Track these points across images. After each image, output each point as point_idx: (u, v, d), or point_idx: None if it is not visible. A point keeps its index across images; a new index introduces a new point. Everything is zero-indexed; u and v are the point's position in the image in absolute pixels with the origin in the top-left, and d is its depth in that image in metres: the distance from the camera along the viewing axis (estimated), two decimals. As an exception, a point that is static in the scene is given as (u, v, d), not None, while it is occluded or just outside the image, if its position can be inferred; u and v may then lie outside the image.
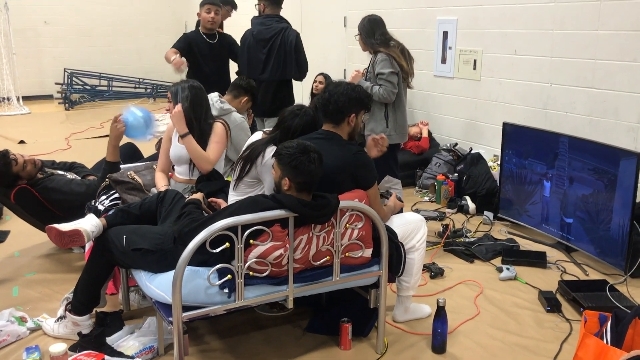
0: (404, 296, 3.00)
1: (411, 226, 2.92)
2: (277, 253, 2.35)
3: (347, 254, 2.56)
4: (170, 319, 2.27)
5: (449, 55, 5.60)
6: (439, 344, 2.78)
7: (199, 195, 2.81)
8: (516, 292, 3.42)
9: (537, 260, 3.77)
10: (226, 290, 2.33)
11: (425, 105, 6.03)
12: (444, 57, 5.66)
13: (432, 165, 5.39)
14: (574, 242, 3.91)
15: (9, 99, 9.68)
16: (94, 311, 2.85)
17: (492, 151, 5.15)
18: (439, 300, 2.73)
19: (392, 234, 2.73)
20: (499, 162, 4.55)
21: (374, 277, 2.68)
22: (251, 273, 2.35)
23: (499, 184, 4.53)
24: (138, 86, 10.75)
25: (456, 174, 5.09)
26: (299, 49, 4.82)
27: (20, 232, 4.20)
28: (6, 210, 4.46)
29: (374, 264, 2.66)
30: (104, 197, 3.25)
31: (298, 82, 5.09)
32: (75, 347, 2.66)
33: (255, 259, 2.32)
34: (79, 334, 2.74)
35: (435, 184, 5.05)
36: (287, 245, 2.37)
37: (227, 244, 2.27)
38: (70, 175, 3.91)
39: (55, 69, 10.46)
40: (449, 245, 4.04)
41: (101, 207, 3.17)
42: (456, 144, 5.51)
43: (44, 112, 9.64)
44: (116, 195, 3.24)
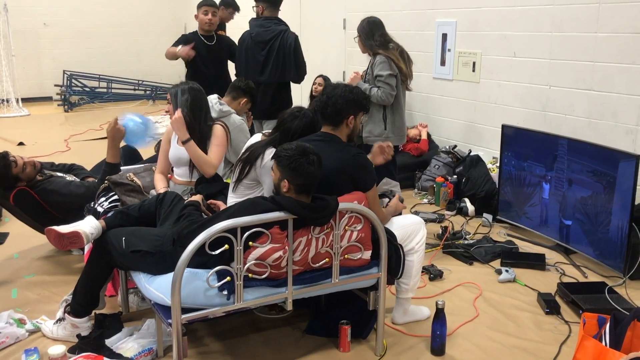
0: (403, 298, 3.00)
1: (410, 228, 2.92)
2: (276, 255, 2.35)
3: (346, 256, 2.56)
4: (170, 320, 2.27)
5: (448, 57, 5.60)
6: (438, 346, 2.78)
7: (198, 197, 2.81)
8: (515, 294, 3.42)
9: (536, 262, 3.77)
10: (225, 292, 2.33)
11: (424, 107, 6.03)
12: (443, 59, 5.66)
13: (431, 167, 5.39)
14: (573, 244, 3.91)
15: (8, 101, 9.68)
16: (93, 313, 2.85)
17: (491, 153, 5.15)
18: (438, 302, 2.73)
19: (391, 236, 2.73)
20: (498, 164, 4.55)
21: (373, 279, 2.68)
22: (250, 275, 2.35)
23: (498, 186, 4.53)
24: (137, 88, 10.75)
25: (455, 176, 5.09)
26: (297, 52, 4.83)
27: (19, 234, 4.19)
28: (5, 212, 4.46)
29: (373, 266, 2.66)
30: (103, 199, 3.24)
31: (297, 84, 5.09)
32: (74, 349, 2.66)
33: (254, 261, 2.33)
34: (78, 336, 2.74)
35: (435, 186, 5.05)
36: (286, 247, 2.37)
37: (226, 246, 2.27)
38: (70, 177, 3.91)
39: (55, 70, 10.46)
40: (448, 247, 4.04)
41: (100, 209, 3.17)
42: (455, 146, 5.51)
43: (43, 113, 9.64)
44: (115, 197, 3.24)
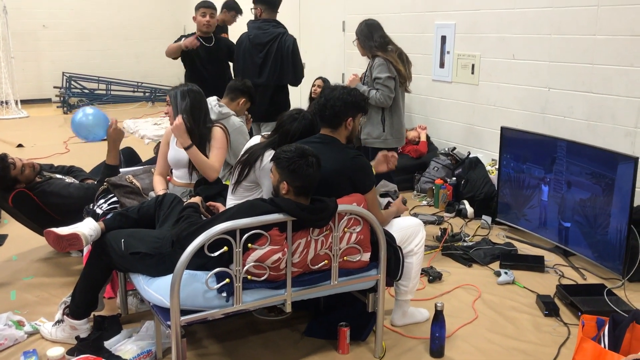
0: (402, 300, 3.00)
1: (409, 230, 2.92)
2: (276, 257, 2.35)
3: (345, 257, 2.56)
4: (169, 322, 2.27)
5: (447, 59, 5.61)
6: (437, 348, 2.78)
7: (197, 199, 2.81)
8: (514, 296, 3.42)
9: (535, 264, 3.78)
10: (224, 294, 2.33)
11: (423, 109, 6.04)
12: (442, 61, 5.67)
13: (430, 170, 5.39)
14: (571, 246, 3.92)
15: (7, 103, 9.69)
16: (91, 315, 2.85)
17: (490, 155, 5.15)
18: (437, 304, 2.73)
19: (390, 237, 2.73)
20: (497, 166, 4.56)
21: (372, 281, 2.68)
22: (249, 277, 2.35)
23: (497, 188, 4.54)
24: (136, 90, 10.76)
25: (454, 178, 5.09)
26: (295, 55, 4.83)
27: (18, 236, 4.19)
28: (4, 214, 4.46)
29: (372, 268, 2.66)
30: (102, 200, 3.24)
31: (297, 86, 5.10)
32: (73, 351, 2.66)
33: (253, 263, 2.33)
34: (77, 338, 2.73)
35: (434, 188, 5.06)
36: (286, 249, 2.37)
37: (225, 248, 2.27)
38: (69, 179, 3.91)
39: (54, 72, 10.47)
40: (447, 249, 4.04)
41: (99, 210, 3.17)
42: (454, 148, 5.52)
43: (43, 115, 9.64)
44: (114, 199, 3.23)
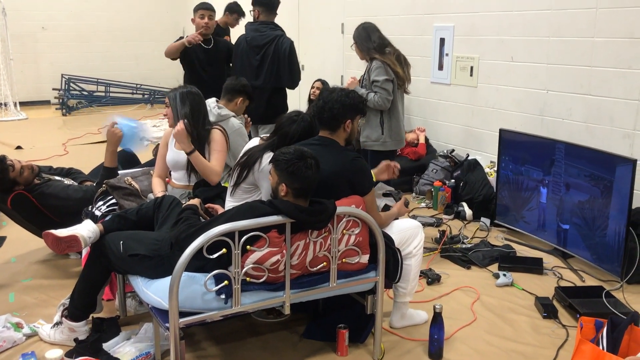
0: (400, 302, 3.00)
1: (408, 232, 2.92)
2: (274, 259, 2.35)
3: (344, 260, 2.56)
4: (167, 324, 2.27)
5: (445, 62, 5.62)
6: (435, 350, 2.78)
7: (196, 201, 2.81)
8: (513, 298, 3.42)
9: (534, 266, 3.78)
10: (223, 296, 2.33)
11: (422, 111, 6.04)
12: (441, 63, 5.67)
13: (429, 172, 5.40)
14: (570, 249, 3.92)
15: (6, 105, 9.68)
16: (90, 317, 2.85)
17: (488, 157, 5.16)
18: (436, 307, 2.74)
19: (389, 240, 2.73)
20: (496, 168, 4.56)
21: (371, 283, 2.68)
22: (248, 279, 2.35)
23: (495, 191, 4.54)
24: (135, 92, 10.76)
25: (453, 180, 5.09)
26: (292, 58, 4.82)
27: (16, 238, 4.18)
28: (3, 216, 4.45)
29: (370, 270, 2.66)
30: (101, 202, 3.24)
31: (294, 89, 5.10)
32: (71, 353, 2.66)
33: (252, 265, 2.33)
34: (76, 340, 2.73)
35: (432, 190, 5.06)
36: (284, 251, 2.37)
37: (224, 250, 2.27)
38: (67, 181, 3.90)
39: (53, 74, 10.46)
40: (445, 251, 4.04)
41: (98, 212, 3.17)
42: (453, 150, 5.52)
43: (41, 117, 9.64)
44: (113, 201, 3.23)
